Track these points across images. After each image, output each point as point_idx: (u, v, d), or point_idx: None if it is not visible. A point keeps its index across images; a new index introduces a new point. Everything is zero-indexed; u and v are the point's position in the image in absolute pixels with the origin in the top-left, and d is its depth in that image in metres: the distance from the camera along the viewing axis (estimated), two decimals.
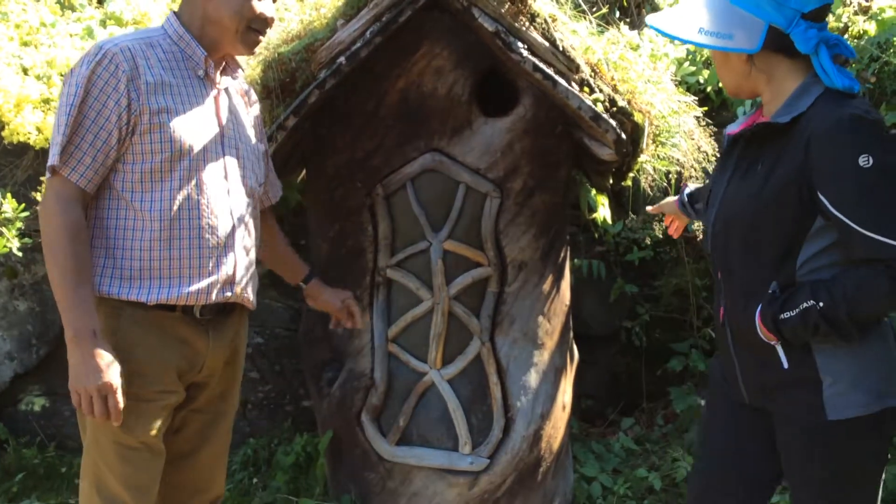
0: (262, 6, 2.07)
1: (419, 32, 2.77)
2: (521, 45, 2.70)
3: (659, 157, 3.22)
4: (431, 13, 2.76)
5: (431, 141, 2.89)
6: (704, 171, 3.11)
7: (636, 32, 4.11)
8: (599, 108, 2.78)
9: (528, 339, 2.96)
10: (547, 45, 2.74)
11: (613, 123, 2.79)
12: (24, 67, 3.47)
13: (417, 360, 2.96)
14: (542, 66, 2.71)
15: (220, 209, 2.04)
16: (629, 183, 3.37)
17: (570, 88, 2.74)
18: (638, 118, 2.93)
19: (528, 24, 2.72)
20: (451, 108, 2.85)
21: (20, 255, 3.12)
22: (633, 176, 3.25)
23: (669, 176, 3.23)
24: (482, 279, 2.95)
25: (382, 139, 2.89)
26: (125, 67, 1.92)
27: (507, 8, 2.67)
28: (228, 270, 2.06)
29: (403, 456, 2.93)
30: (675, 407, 3.68)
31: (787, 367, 1.78)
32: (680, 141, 3.09)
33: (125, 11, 3.93)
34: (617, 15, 4.53)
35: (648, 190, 3.21)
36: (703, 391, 3.66)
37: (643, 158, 3.13)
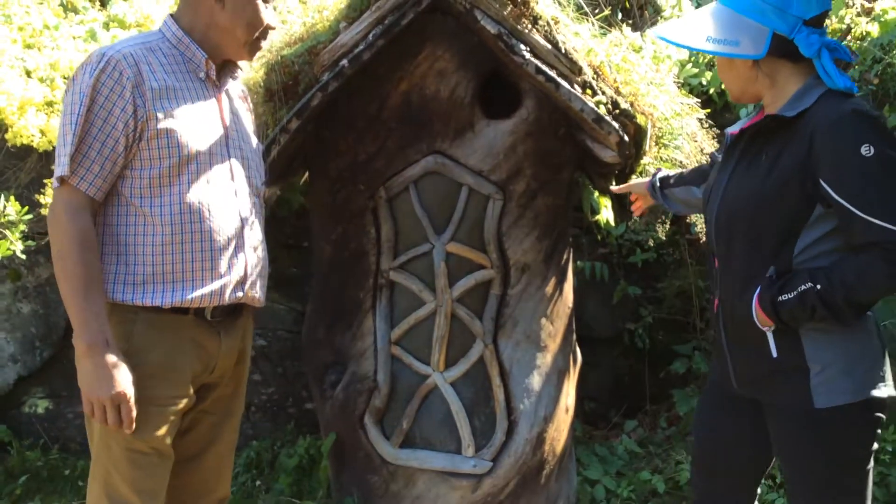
0: (268, 16, 2.10)
1: (422, 35, 2.77)
2: (523, 47, 2.70)
3: (662, 159, 3.22)
4: (434, 16, 2.75)
5: (434, 143, 2.88)
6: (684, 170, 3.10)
7: (639, 34, 4.11)
8: (602, 110, 2.78)
9: (531, 341, 2.95)
10: (549, 47, 2.74)
11: (616, 126, 2.78)
12: (27, 70, 3.48)
13: (420, 362, 2.96)
14: (544, 68, 2.71)
15: (228, 210, 2.05)
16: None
17: (572, 91, 2.74)
18: (641, 120, 2.92)
19: (530, 26, 2.72)
20: (453, 110, 2.85)
21: (24, 257, 3.12)
22: (635, 178, 3.24)
23: None
24: (485, 281, 2.95)
25: (385, 142, 2.89)
26: (129, 74, 1.91)
27: (509, 10, 2.67)
28: (240, 271, 2.07)
29: (406, 459, 2.93)
30: (678, 409, 3.68)
31: (776, 355, 1.87)
32: (683, 143, 3.09)
33: (128, 14, 3.94)
34: (619, 16, 4.53)
35: None
36: None
37: (646, 160, 3.13)
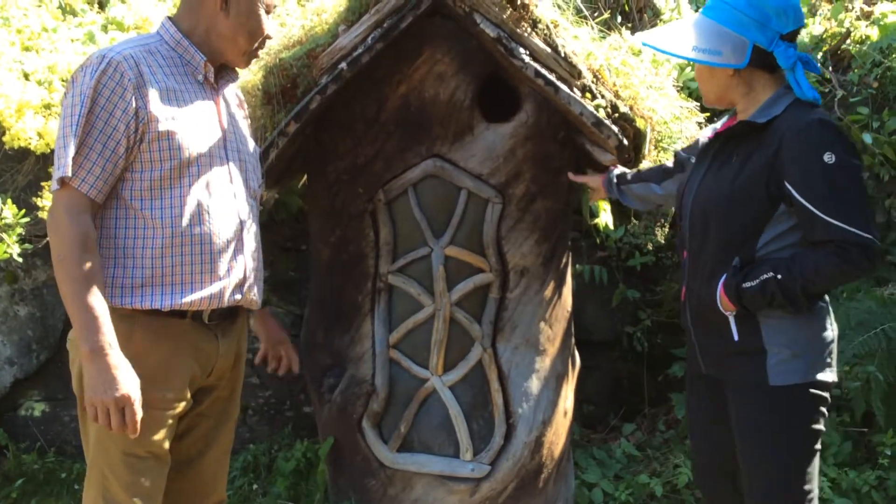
0: (269, 27, 2.12)
1: (421, 38, 2.76)
2: (522, 50, 2.69)
3: (661, 162, 3.21)
4: (433, 19, 2.75)
5: (433, 147, 2.88)
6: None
7: (640, 34, 4.10)
8: (601, 113, 2.77)
9: (529, 345, 2.95)
10: (549, 50, 2.73)
11: (615, 129, 2.78)
12: (25, 73, 3.47)
13: (419, 366, 2.95)
14: (543, 72, 2.71)
15: (227, 213, 2.05)
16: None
17: (572, 94, 2.73)
18: (640, 124, 2.92)
19: (529, 29, 2.71)
20: (452, 113, 2.84)
21: (20, 260, 3.11)
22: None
23: None
24: (484, 285, 2.94)
25: (384, 145, 2.88)
26: (130, 75, 1.91)
27: (508, 14, 2.67)
28: (239, 274, 2.07)
29: (404, 462, 2.92)
30: (676, 413, 3.67)
31: (737, 339, 2.09)
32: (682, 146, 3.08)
33: (126, 16, 3.93)
34: (619, 20, 4.53)
35: None
36: None
37: (645, 164, 3.13)
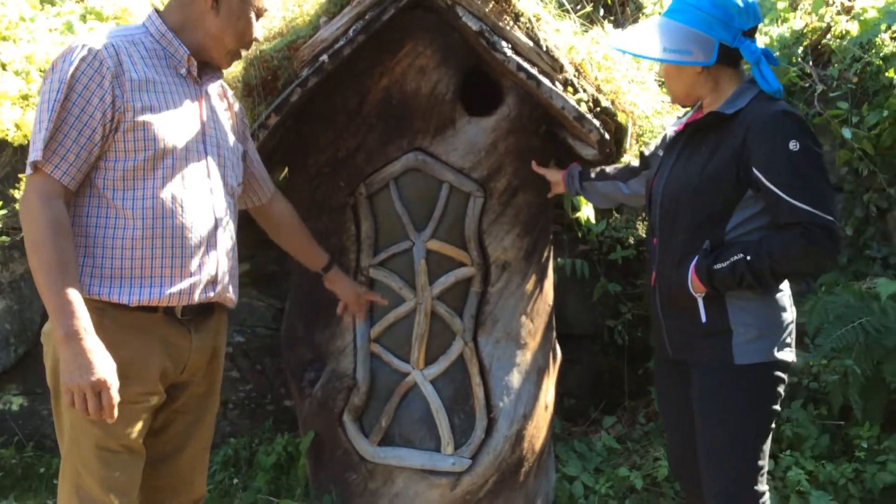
0: (257, 30, 2.14)
1: (402, 31, 2.75)
2: (505, 44, 2.69)
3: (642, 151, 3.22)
4: (415, 12, 2.74)
5: (415, 140, 2.87)
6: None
7: (620, 31, 4.11)
8: (583, 108, 2.77)
9: (511, 339, 2.95)
10: (531, 44, 2.73)
11: (597, 123, 2.78)
12: (2, 63, 3.43)
13: (400, 360, 2.95)
14: (525, 65, 2.70)
15: (202, 208, 2.02)
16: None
17: (553, 88, 2.73)
18: (621, 118, 2.92)
19: (512, 23, 2.71)
20: (434, 106, 2.83)
21: None
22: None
23: None
24: (465, 279, 2.94)
25: (365, 138, 2.87)
26: (109, 64, 1.89)
27: (491, 7, 2.66)
28: (211, 270, 2.04)
29: (385, 457, 2.92)
30: (656, 406, 3.69)
31: (705, 320, 2.19)
32: None
33: (105, 6, 3.90)
34: (601, 13, 4.53)
35: None
36: None
37: (626, 158, 3.13)
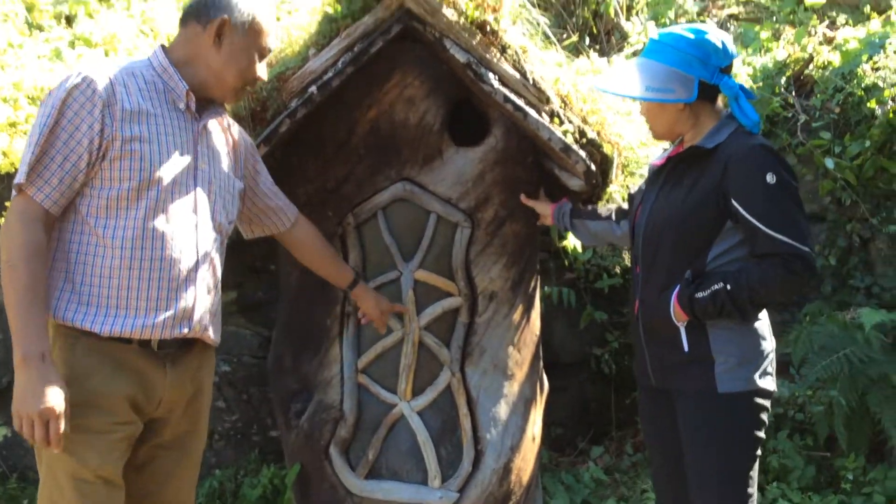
0: (261, 70, 2.17)
1: (391, 62, 2.77)
2: (492, 76, 2.71)
3: (628, 186, 3.24)
4: (403, 43, 2.76)
5: (403, 170, 2.88)
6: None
7: (606, 60, 4.15)
8: (569, 139, 2.80)
9: (498, 369, 2.95)
10: (518, 76, 2.75)
11: (583, 154, 2.80)
12: None
13: (387, 391, 2.94)
14: (512, 97, 2.73)
15: (185, 243, 2.02)
16: (600, 205, 3.38)
17: (540, 120, 2.75)
18: (607, 149, 2.95)
19: (499, 55, 2.73)
20: (422, 137, 2.85)
21: None
22: (602, 205, 3.26)
23: None
24: (453, 309, 2.94)
25: (353, 168, 2.88)
26: (101, 93, 1.91)
27: (478, 39, 2.68)
28: (186, 306, 2.03)
29: (372, 490, 2.89)
30: (643, 436, 3.68)
31: (686, 349, 2.24)
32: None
33: (94, 32, 3.90)
34: (587, 41, 4.58)
35: None
36: None
37: (613, 188, 3.15)
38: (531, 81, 2.78)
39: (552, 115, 2.82)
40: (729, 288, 2.13)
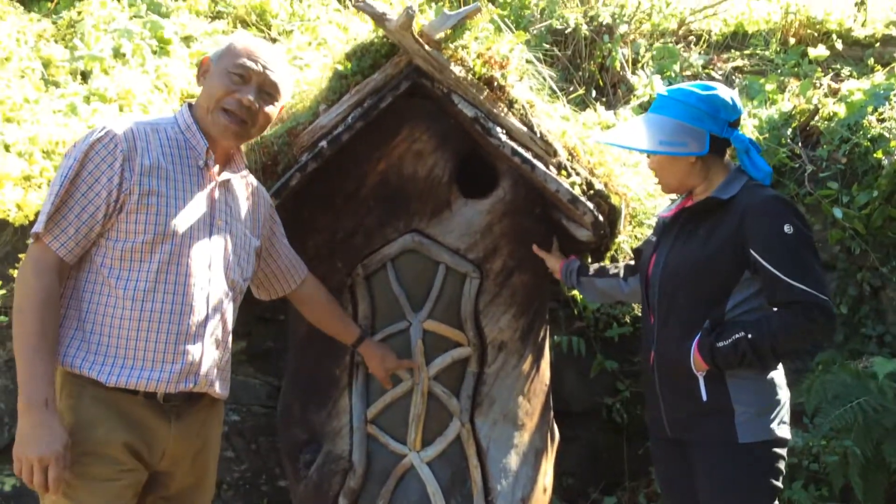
0: (239, 90, 2.09)
1: (400, 117, 2.82)
2: (499, 130, 2.75)
3: (636, 237, 3.26)
4: (412, 99, 2.81)
5: (411, 222, 2.91)
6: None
7: (612, 113, 4.20)
8: (577, 190, 2.82)
9: (508, 420, 2.94)
10: (525, 129, 2.79)
11: (591, 206, 2.83)
12: (5, 144, 3.48)
13: (396, 441, 2.93)
14: (520, 150, 2.77)
15: (196, 298, 2.04)
16: (608, 262, 3.39)
17: (548, 172, 2.79)
18: (615, 200, 2.97)
19: (506, 109, 2.78)
20: (430, 189, 2.88)
21: None
22: (611, 255, 3.28)
23: None
24: (462, 359, 2.94)
25: (363, 219, 2.91)
26: (123, 147, 1.96)
27: (486, 94, 2.74)
28: (193, 360, 2.04)
29: None
30: (656, 486, 3.65)
31: (705, 399, 2.24)
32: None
33: (109, 88, 3.97)
34: (593, 94, 4.64)
35: None
36: None
37: (621, 238, 3.17)
38: (538, 135, 2.82)
39: (559, 167, 2.85)
40: (750, 337, 2.15)
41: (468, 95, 2.72)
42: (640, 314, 3.87)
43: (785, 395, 2.29)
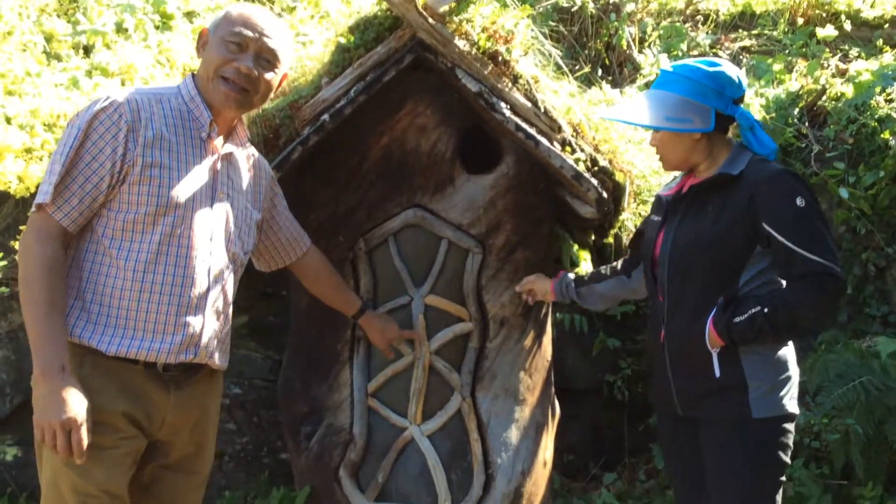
0: (236, 58, 2.07)
1: (403, 91, 2.80)
2: (503, 105, 2.74)
3: (640, 214, 3.25)
4: (416, 73, 2.80)
5: (414, 197, 2.90)
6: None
7: (618, 91, 4.18)
8: (581, 167, 2.81)
9: (509, 394, 2.94)
10: (529, 105, 2.78)
11: (595, 182, 2.82)
12: (7, 117, 3.47)
13: (397, 415, 2.94)
14: (524, 125, 2.75)
15: (197, 269, 2.04)
16: (611, 240, 3.39)
17: (552, 148, 2.77)
18: (619, 177, 2.96)
19: (510, 85, 2.76)
20: (433, 164, 2.87)
21: None
22: (614, 233, 3.27)
23: None
24: (464, 334, 2.94)
25: (365, 194, 2.90)
26: (128, 118, 1.95)
27: (490, 69, 2.72)
28: (194, 332, 2.04)
29: None
30: (656, 463, 3.66)
31: (718, 375, 2.23)
32: None
33: (111, 62, 3.96)
34: (599, 73, 4.61)
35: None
36: None
37: (625, 216, 3.16)
38: (543, 110, 2.80)
39: (564, 143, 2.84)
40: (766, 311, 2.15)
41: (472, 70, 2.70)
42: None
43: (795, 370, 2.30)
